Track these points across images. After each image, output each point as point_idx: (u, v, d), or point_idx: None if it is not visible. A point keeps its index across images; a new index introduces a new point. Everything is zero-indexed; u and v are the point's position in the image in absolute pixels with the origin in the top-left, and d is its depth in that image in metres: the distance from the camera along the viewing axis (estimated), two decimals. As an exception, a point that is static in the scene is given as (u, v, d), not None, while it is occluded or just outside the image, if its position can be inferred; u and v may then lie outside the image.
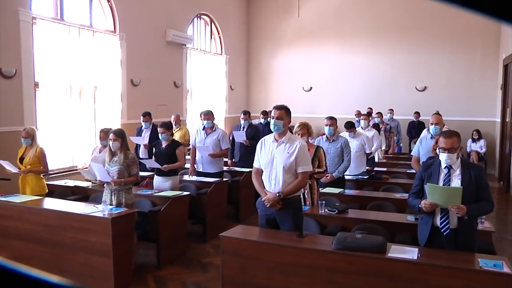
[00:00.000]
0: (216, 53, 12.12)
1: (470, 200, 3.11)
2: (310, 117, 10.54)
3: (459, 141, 3.23)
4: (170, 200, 4.95)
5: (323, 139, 5.72)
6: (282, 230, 3.72)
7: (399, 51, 11.95)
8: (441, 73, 11.66)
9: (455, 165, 3.23)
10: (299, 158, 3.63)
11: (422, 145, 5.14)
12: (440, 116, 5.38)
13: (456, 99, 11.48)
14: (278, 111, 3.67)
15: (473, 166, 3.30)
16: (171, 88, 9.94)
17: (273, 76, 13.40)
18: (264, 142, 3.81)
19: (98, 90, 7.88)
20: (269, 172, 3.69)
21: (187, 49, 10.45)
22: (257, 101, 13.49)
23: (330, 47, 12.60)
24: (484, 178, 3.21)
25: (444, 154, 3.19)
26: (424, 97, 11.73)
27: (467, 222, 3.13)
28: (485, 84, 11.33)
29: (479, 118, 11.33)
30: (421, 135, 6.09)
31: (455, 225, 3.17)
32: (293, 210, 3.70)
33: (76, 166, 7.36)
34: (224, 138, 6.34)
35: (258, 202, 3.84)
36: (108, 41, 8.05)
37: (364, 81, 12.30)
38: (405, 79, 11.96)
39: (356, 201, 5.09)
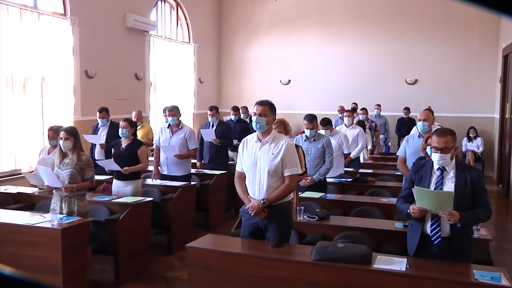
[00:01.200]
0: (183, 41, 12.03)
1: (465, 206, 3.16)
2: (288, 113, 10.57)
3: (453, 140, 3.28)
4: (131, 207, 4.89)
5: (302, 138, 5.75)
6: (261, 240, 3.72)
7: (387, 40, 12.12)
8: (433, 64, 11.86)
9: (449, 167, 3.28)
10: (285, 159, 3.62)
11: (408, 144, 5.22)
12: (429, 112, 5.47)
13: (450, 94, 11.68)
14: (261, 107, 3.64)
15: (470, 168, 3.36)
16: (131, 80, 9.82)
17: (248, 68, 13.41)
18: (247, 142, 3.78)
19: (46, 82, 7.70)
20: (252, 176, 3.67)
21: (150, 36, 10.34)
22: (229, 96, 13.47)
23: (310, 35, 12.68)
24: (481, 182, 3.27)
25: (436, 154, 3.23)
26: (415, 91, 11.92)
27: (460, 230, 3.17)
28: (482, 76, 11.54)
29: (476, 114, 11.54)
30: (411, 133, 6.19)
31: (447, 233, 3.21)
32: (280, 218, 3.69)
33: (20, 170, 7.17)
34: (192, 137, 6.32)
35: (241, 210, 3.82)
36: (57, 26, 7.88)
37: (348, 73, 12.43)
38: (393, 71, 12.13)
39: (338, 206, 5.12)
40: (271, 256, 3.38)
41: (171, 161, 6.24)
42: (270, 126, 3.70)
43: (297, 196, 4.85)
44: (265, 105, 3.66)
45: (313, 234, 4.17)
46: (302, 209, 4.40)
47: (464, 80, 11.65)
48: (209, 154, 7.31)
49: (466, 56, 11.62)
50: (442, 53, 11.76)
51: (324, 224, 4.26)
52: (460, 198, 3.14)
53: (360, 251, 3.16)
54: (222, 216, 7.02)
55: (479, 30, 11.44)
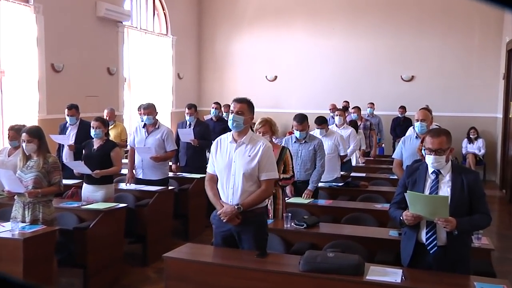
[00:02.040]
0: (160, 33, 11.99)
1: (462, 212, 3.20)
2: (275, 112, 10.62)
3: (448, 140, 3.32)
4: (102, 214, 4.88)
5: (292, 140, 5.78)
6: (241, 250, 3.72)
7: (381, 34, 12.22)
8: (431, 60, 11.98)
9: (444, 170, 3.32)
10: (263, 162, 3.64)
11: (405, 146, 5.26)
12: (427, 111, 5.52)
13: (450, 91, 11.80)
14: (239, 104, 3.67)
15: (466, 171, 3.42)
16: (103, 75, 9.76)
17: (231, 63, 13.41)
18: (220, 142, 3.80)
19: (6, 76, 7.61)
20: (226, 180, 3.69)
21: (124, 27, 10.29)
22: (210, 93, 13.45)
23: (299, 28, 12.75)
24: (479, 185, 3.32)
25: (430, 156, 3.28)
26: (411, 89, 12.04)
27: (458, 238, 3.20)
28: (484, 72, 11.65)
29: (477, 113, 11.66)
30: (406, 134, 6.25)
31: (444, 242, 3.24)
32: (256, 225, 3.71)
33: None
34: (170, 137, 6.32)
35: (213, 216, 3.83)
36: (19, 14, 7.77)
37: (340, 69, 12.51)
38: (388, 67, 12.24)
39: (328, 213, 5.16)
40: (256, 267, 3.39)
41: (146, 164, 6.22)
42: (247, 126, 3.73)
43: (284, 202, 4.89)
44: (243, 103, 3.69)
45: (301, 243, 4.19)
46: (289, 215, 4.41)
47: (464, 76, 11.76)
48: (186, 156, 7.31)
49: (466, 50, 11.74)
50: (440, 48, 11.87)
51: (313, 232, 4.28)
52: (457, 203, 3.19)
53: (352, 261, 3.19)
54: (202, 223, 7.01)
55: (481, 23, 11.52)
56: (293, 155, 5.61)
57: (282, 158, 4.77)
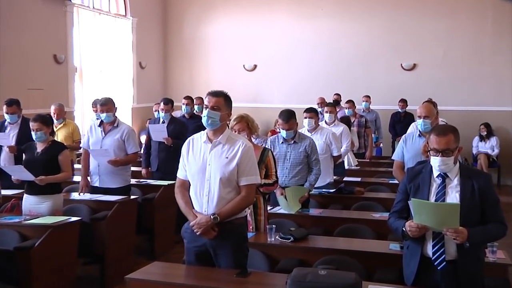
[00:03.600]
0: (117, 14, 11.90)
1: (473, 221, 3.24)
2: (254, 107, 10.64)
3: (457, 139, 3.35)
4: (50, 230, 4.80)
5: (278, 140, 5.79)
6: (218, 268, 3.71)
7: (379, 15, 12.28)
8: (436, 46, 12.05)
9: (452, 173, 3.36)
10: (242, 165, 3.65)
11: (407, 146, 5.30)
12: (431, 105, 5.57)
13: (458, 82, 11.88)
14: (214, 98, 3.68)
15: (477, 174, 3.45)
16: (49, 64, 9.65)
17: (202, 50, 13.38)
18: (193, 143, 3.80)
19: None
20: (199, 185, 3.69)
21: (73, 6, 10.20)
22: (178, 85, 13.40)
23: (282, 10, 12.77)
24: (492, 190, 3.36)
25: (436, 157, 3.31)
26: (413, 79, 12.12)
27: (470, 252, 3.23)
28: (498, 60, 11.66)
29: (490, 107, 11.71)
30: (408, 131, 6.30)
31: (454, 256, 3.28)
32: (235, 239, 3.71)
33: None
34: (131, 137, 6.28)
35: (184, 228, 3.82)
36: None
37: (330, 57, 12.55)
38: (386, 55, 12.29)
39: (319, 224, 5.18)
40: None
41: (104, 169, 6.18)
42: (224, 123, 3.74)
43: (266, 212, 4.88)
44: (219, 97, 3.70)
45: (288, 260, 4.19)
46: (273, 228, 4.41)
47: (475, 65, 11.83)
48: (158, 159, 7.29)
49: (477, 34, 11.82)
50: (446, 31, 11.96)
51: (301, 247, 4.29)
52: (468, 211, 3.22)
53: (347, 280, 3.19)
54: (172, 238, 6.98)
55: (494, 4, 11.57)
56: (281, 157, 5.67)
57: (264, 161, 4.77)
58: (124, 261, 5.82)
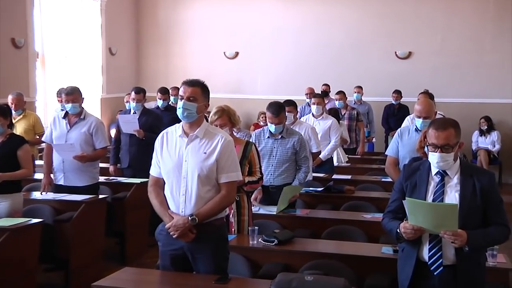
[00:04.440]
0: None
1: (474, 222, 3.26)
2: (235, 99, 10.64)
3: (457, 134, 3.36)
4: (8, 233, 4.75)
5: (264, 134, 5.79)
6: (196, 274, 3.71)
7: (371, 0, 12.32)
8: (433, 32, 12.11)
9: (452, 171, 3.38)
10: (222, 160, 3.65)
11: (402, 141, 5.32)
12: (431, 102, 5.57)
13: (456, 72, 11.92)
14: (190, 88, 3.67)
15: (479, 172, 3.46)
16: (7, 48, 9.54)
17: (179, 36, 13.33)
18: (167, 137, 3.79)
19: None
20: (175, 184, 3.68)
21: (35, -15, 10.11)
22: (153, 74, 13.36)
23: (266, -9, 12.78)
24: (495, 189, 3.38)
25: (435, 154, 3.32)
26: (408, 68, 12.16)
27: (469, 256, 3.25)
28: (500, 48, 11.70)
29: (491, 99, 11.77)
30: (403, 125, 6.31)
31: (452, 261, 3.29)
32: (214, 242, 3.71)
33: None
34: (100, 130, 6.24)
35: (158, 230, 3.81)
36: None
37: (319, 44, 12.55)
38: (380, 42, 12.33)
39: (305, 225, 5.19)
40: (214, 296, 3.38)
41: (69, 165, 6.14)
42: (202, 115, 3.73)
43: (250, 212, 4.89)
44: (196, 86, 3.69)
45: (272, 264, 4.20)
46: (255, 229, 4.42)
47: (475, 53, 11.87)
48: (129, 154, 7.28)
49: (477, 19, 11.86)
50: (445, 16, 12.02)
51: (286, 250, 4.29)
52: (468, 212, 3.24)
53: (336, 287, 3.20)
54: (145, 241, 6.96)
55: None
56: (266, 153, 5.69)
57: (247, 156, 4.78)
58: (91, 267, 5.78)
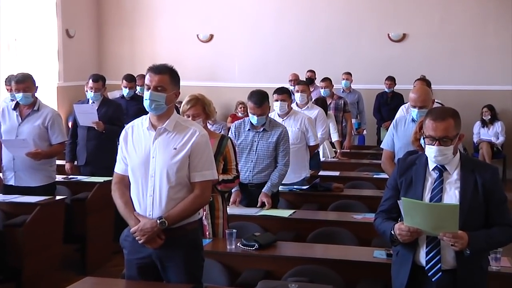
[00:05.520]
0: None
1: (476, 223, 3.29)
2: (210, 87, 10.64)
3: (457, 124, 3.37)
4: None
5: (244, 126, 5.78)
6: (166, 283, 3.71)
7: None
8: (430, 12, 12.15)
9: (451, 166, 3.40)
10: (195, 157, 3.64)
11: (398, 133, 5.34)
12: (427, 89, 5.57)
13: (456, 56, 11.98)
14: (157, 76, 3.64)
15: (481, 167, 3.48)
16: None
17: (146, 17, 13.27)
18: (133, 130, 3.78)
19: None
20: (142, 183, 3.67)
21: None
22: (116, 59, 13.32)
23: (244, -34, 12.77)
24: (498, 186, 3.40)
25: (432, 147, 3.33)
26: (403, 53, 12.21)
27: (470, 260, 3.27)
28: (505, 30, 11.72)
29: (494, 86, 11.84)
30: (396, 116, 6.34)
31: (451, 265, 3.31)
32: (187, 248, 3.70)
33: None
34: (56, 123, 6.22)
35: (123, 236, 3.80)
36: None
37: (303, 26, 12.57)
38: (371, 23, 12.36)
39: (289, 227, 5.20)
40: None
41: (21, 163, 6.11)
42: (171, 106, 3.71)
43: (225, 214, 4.88)
44: (164, 73, 3.67)
45: (252, 271, 4.20)
46: (233, 232, 4.42)
47: (477, 36, 11.93)
48: (87, 150, 7.24)
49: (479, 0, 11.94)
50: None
51: (268, 255, 4.30)
52: (469, 211, 3.26)
53: (323, 295, 3.23)
54: (108, 248, 6.94)
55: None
56: (245, 147, 5.69)
57: (221, 152, 4.79)
58: (47, 277, 5.76)
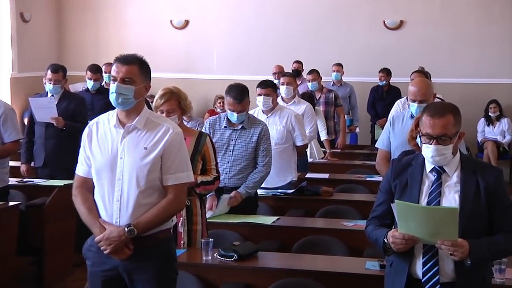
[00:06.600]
0: None
1: (477, 230, 3.31)
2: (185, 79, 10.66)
3: (457, 122, 3.40)
4: None
5: (220, 123, 5.79)
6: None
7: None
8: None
9: (450, 167, 3.42)
10: (168, 157, 3.64)
11: (395, 130, 5.36)
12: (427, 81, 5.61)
13: (458, 46, 12.07)
14: (125, 67, 3.62)
15: (484, 168, 3.50)
16: None
17: None
18: (97, 127, 3.77)
19: None
20: (108, 187, 3.65)
21: None
22: (79, 48, 13.28)
23: None
24: (503, 189, 3.43)
25: (429, 146, 3.35)
26: (400, 42, 12.28)
27: (472, 272, 3.28)
28: (510, 17, 11.77)
29: (499, 79, 11.91)
30: (391, 112, 6.39)
31: (451, 277, 3.33)
32: (158, 259, 3.69)
33: None
34: (9, 119, 6.20)
35: (87, 246, 3.79)
36: None
37: (290, 12, 12.61)
38: (364, 9, 12.42)
39: (272, 235, 5.23)
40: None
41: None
42: (141, 100, 3.71)
43: (204, 220, 4.91)
44: (132, 64, 3.65)
45: (230, 284, 4.23)
46: (210, 242, 4.43)
47: (482, 23, 12.00)
48: (45, 149, 7.22)
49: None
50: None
51: (248, 267, 4.31)
52: (470, 217, 3.28)
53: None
54: (69, 260, 6.91)
55: None
56: (221, 147, 5.69)
57: (200, 151, 4.80)
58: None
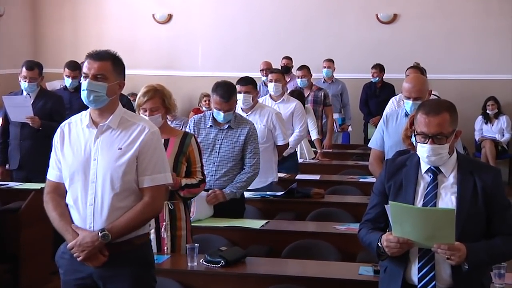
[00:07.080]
0: None
1: (475, 233, 3.33)
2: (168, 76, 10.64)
3: (453, 120, 3.41)
4: None
5: (205, 122, 5.79)
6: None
7: None
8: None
9: (447, 167, 3.44)
10: (144, 158, 3.63)
11: (389, 129, 5.39)
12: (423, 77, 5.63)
13: (455, 41, 12.11)
14: (97, 63, 3.64)
15: (482, 168, 3.53)
16: None
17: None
18: (70, 129, 3.76)
19: None
20: (81, 190, 3.64)
21: None
22: (56, 43, 13.29)
23: None
24: (501, 190, 3.44)
25: (425, 145, 3.36)
26: (393, 36, 12.32)
27: (469, 277, 3.29)
28: (509, 10, 11.80)
29: (497, 75, 11.95)
30: (386, 110, 6.40)
31: (448, 283, 3.34)
32: (134, 266, 3.68)
33: None
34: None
35: (60, 253, 3.76)
36: None
37: (277, 5, 12.64)
38: (357, 2, 12.45)
39: (261, 240, 5.24)
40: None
41: None
42: (115, 98, 3.71)
43: (189, 225, 4.91)
44: (105, 60, 3.66)
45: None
46: (195, 247, 4.42)
47: (479, 17, 12.04)
48: (20, 151, 7.23)
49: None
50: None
51: (236, 274, 4.31)
52: (467, 220, 3.29)
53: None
54: (46, 268, 6.85)
55: None
56: (207, 147, 5.70)
57: (184, 152, 4.81)
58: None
